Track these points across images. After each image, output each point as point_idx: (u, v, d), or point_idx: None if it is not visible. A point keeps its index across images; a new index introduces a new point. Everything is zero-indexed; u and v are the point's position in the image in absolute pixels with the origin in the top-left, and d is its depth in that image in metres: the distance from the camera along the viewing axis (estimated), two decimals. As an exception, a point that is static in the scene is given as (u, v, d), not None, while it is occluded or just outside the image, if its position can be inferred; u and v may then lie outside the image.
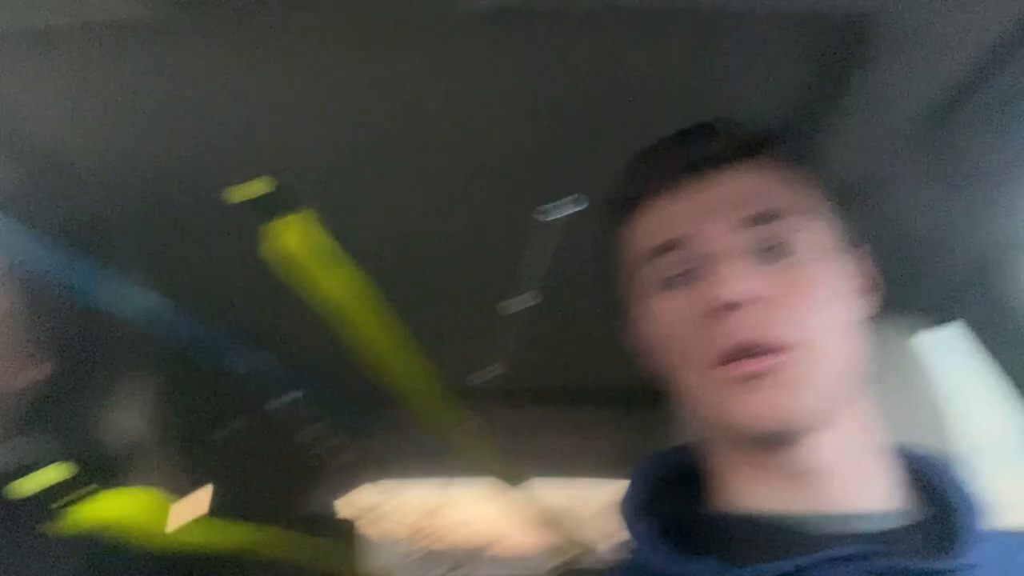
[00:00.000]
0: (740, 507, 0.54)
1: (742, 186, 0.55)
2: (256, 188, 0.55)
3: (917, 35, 0.61)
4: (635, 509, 0.56)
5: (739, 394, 0.51)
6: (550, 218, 0.53)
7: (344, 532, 1.59)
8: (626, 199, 0.60)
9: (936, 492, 0.54)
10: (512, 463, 1.53)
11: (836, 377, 0.52)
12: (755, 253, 0.53)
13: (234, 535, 0.85)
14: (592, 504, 2.04)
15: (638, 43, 0.66)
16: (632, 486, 0.59)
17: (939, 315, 0.91)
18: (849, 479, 0.52)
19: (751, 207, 0.54)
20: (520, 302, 0.82)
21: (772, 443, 0.52)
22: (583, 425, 1.69)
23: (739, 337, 0.50)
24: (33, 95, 0.69)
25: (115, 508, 0.57)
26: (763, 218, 0.53)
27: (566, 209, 0.51)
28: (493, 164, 0.82)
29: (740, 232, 0.53)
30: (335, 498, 1.84)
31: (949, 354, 0.89)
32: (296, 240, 0.61)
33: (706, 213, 0.54)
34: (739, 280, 0.51)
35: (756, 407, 0.50)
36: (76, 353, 0.77)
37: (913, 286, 0.83)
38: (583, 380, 1.61)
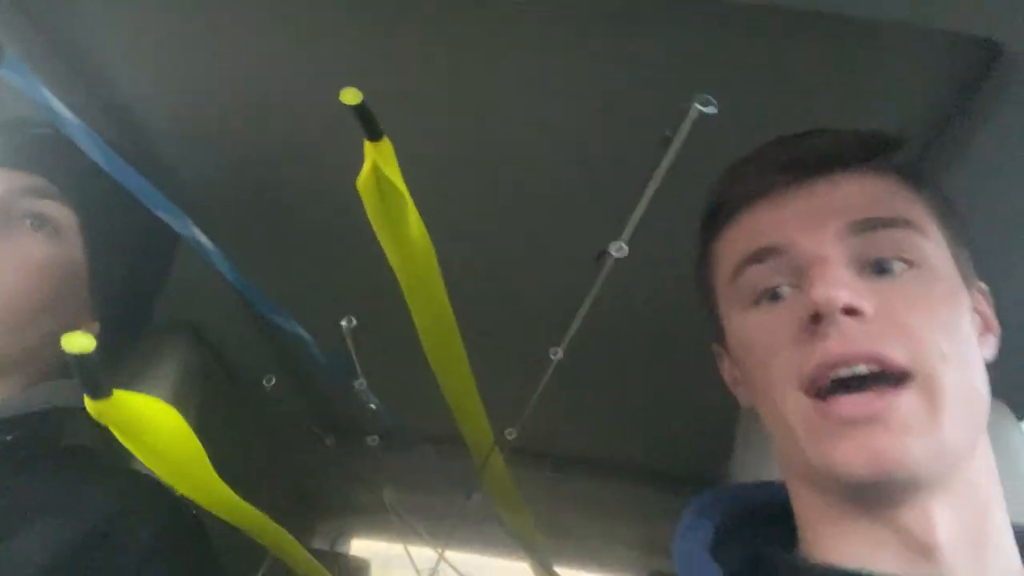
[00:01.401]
0: (832, 562, 0.46)
1: (850, 191, 0.49)
2: (356, 96, 0.54)
3: None
4: (700, 552, 0.48)
5: (838, 434, 0.43)
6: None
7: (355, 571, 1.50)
8: (721, 205, 0.55)
9: None
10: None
11: (960, 419, 0.43)
12: (860, 266, 0.47)
13: (246, 514, 0.79)
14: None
15: (755, 42, 0.64)
16: (692, 524, 0.51)
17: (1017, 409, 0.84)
18: (972, 552, 0.43)
19: (859, 212, 0.48)
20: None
21: (875, 498, 0.44)
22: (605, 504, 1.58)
23: (836, 350, 0.43)
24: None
25: (145, 407, 0.54)
26: (873, 225, 0.47)
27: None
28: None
29: (844, 241, 0.47)
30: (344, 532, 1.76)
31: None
32: (393, 165, 0.59)
33: (807, 218, 0.49)
34: (839, 286, 0.44)
35: (858, 452, 0.42)
36: (120, 322, 0.79)
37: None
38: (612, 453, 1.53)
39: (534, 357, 0.73)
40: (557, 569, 1.57)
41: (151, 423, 0.52)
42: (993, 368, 0.49)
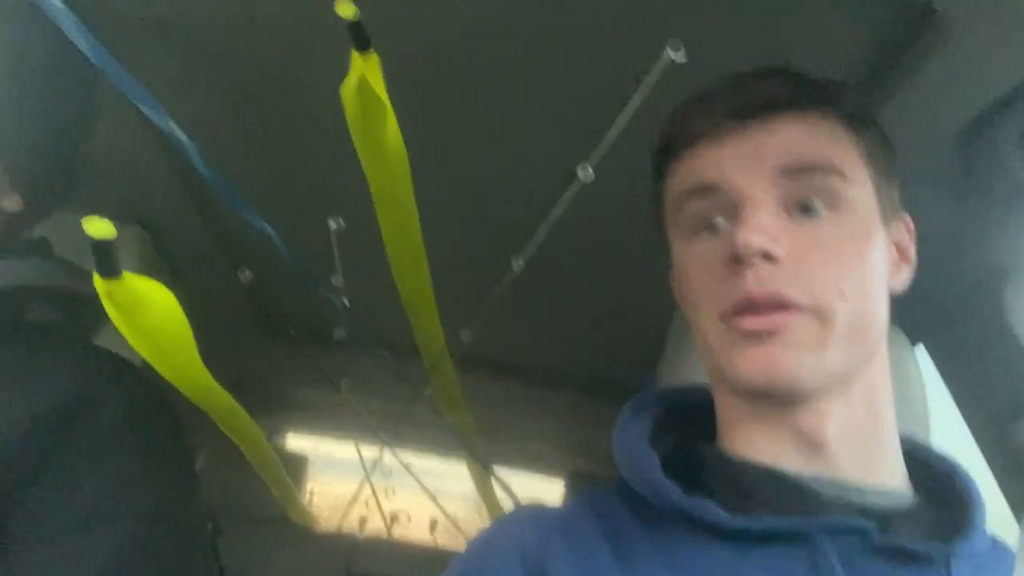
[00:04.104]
0: (745, 455, 0.53)
1: (787, 135, 0.53)
2: (350, 9, 0.56)
3: (975, 37, 0.64)
4: (639, 440, 0.55)
5: (742, 347, 0.50)
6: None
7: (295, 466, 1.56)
8: (670, 143, 0.59)
9: (942, 481, 0.54)
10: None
11: (847, 344, 0.50)
12: (788, 206, 0.52)
13: (219, 401, 0.83)
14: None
15: None
16: (632, 418, 0.58)
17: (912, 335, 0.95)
18: (857, 451, 0.51)
19: (791, 157, 0.52)
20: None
21: (774, 402, 0.51)
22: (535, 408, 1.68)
23: (749, 290, 0.49)
24: None
25: (149, 290, 0.56)
26: (802, 170, 0.51)
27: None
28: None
29: (775, 182, 0.52)
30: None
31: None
32: (378, 78, 0.62)
33: (743, 159, 0.53)
34: (759, 233, 0.49)
35: (756, 362, 0.49)
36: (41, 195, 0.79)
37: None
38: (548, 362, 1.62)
39: (494, 268, 0.79)
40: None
41: (152, 305, 0.55)
42: (894, 298, 0.55)
